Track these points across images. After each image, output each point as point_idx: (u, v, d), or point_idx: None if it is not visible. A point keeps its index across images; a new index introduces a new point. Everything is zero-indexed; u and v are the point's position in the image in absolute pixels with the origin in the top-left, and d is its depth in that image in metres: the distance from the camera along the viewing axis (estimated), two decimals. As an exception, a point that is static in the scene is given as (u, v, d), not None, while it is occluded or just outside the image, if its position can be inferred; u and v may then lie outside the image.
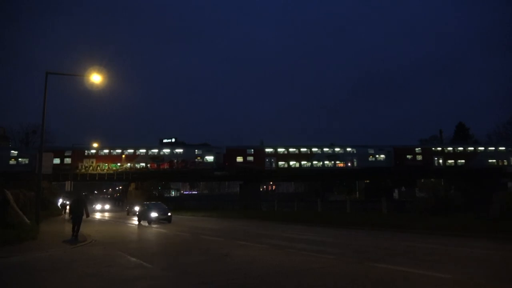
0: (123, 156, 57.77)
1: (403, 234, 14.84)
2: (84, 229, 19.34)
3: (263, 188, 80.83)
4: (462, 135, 74.01)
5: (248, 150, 60.37)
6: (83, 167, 56.07)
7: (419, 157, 62.01)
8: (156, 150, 60.19)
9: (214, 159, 59.25)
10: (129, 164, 57.71)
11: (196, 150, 61.20)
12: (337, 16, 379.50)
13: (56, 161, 54.91)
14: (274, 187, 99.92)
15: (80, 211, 14.24)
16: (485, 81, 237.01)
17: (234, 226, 20.97)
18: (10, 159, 55.29)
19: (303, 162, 60.90)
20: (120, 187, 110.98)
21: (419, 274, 6.81)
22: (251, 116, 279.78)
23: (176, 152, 60.30)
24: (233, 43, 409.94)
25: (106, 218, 35.83)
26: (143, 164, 58.14)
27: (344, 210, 28.65)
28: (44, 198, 30.19)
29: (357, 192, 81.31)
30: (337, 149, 62.46)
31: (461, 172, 60.86)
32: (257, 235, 15.34)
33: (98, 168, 56.53)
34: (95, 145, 57.29)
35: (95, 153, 57.52)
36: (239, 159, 59.23)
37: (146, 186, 57.95)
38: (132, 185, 61.44)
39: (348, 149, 62.31)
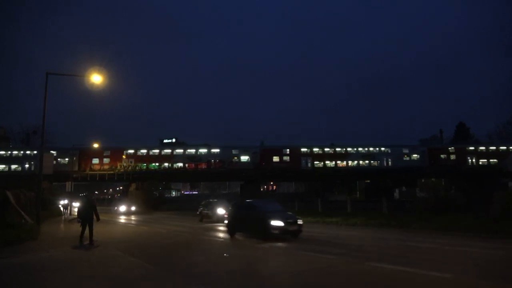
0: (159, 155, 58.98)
1: (404, 233, 14.83)
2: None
3: (263, 188, 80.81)
4: (462, 135, 73.97)
5: (284, 150, 60.99)
6: (122, 166, 57.22)
7: (453, 157, 62.54)
8: (193, 150, 60.65)
9: (250, 159, 59.91)
10: (166, 164, 58.57)
11: (232, 150, 61.45)
12: (337, 16, 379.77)
13: (95, 161, 56.88)
14: (275, 187, 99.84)
15: (90, 214, 13.07)
16: (485, 80, 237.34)
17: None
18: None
19: (338, 162, 61.64)
20: (121, 187, 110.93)
21: (419, 274, 6.81)
22: (251, 116, 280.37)
23: (213, 152, 60.60)
24: (233, 43, 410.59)
25: (106, 218, 35.79)
26: (181, 164, 58.82)
27: (344, 210, 28.63)
28: (44, 199, 30.18)
29: (358, 192, 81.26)
30: (371, 149, 63.14)
31: (462, 172, 60.87)
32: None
33: (137, 168, 57.77)
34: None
35: (134, 153, 58.67)
36: (276, 159, 60.10)
37: (147, 186, 57.90)
38: (133, 185, 61.33)
39: (382, 148, 63.02)
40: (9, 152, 57.81)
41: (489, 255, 9.21)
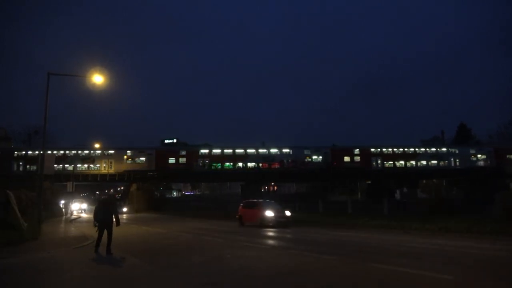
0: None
1: (405, 234, 14.80)
2: (85, 230, 19.42)
3: (264, 189, 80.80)
4: (464, 136, 73.90)
5: (354, 150, 61.62)
6: (197, 165, 58.22)
7: None
8: (265, 150, 61.25)
9: (322, 159, 60.36)
10: (240, 163, 59.35)
11: (304, 150, 61.99)
12: (337, 16, 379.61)
13: (172, 160, 57.76)
14: (275, 187, 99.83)
15: (109, 217, 10.81)
16: (486, 81, 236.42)
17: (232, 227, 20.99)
18: None
19: (407, 162, 62.39)
20: (122, 188, 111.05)
21: (420, 275, 6.79)
22: (251, 116, 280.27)
23: (285, 152, 61.18)
24: (233, 43, 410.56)
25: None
26: (254, 164, 59.44)
27: (345, 210, 28.62)
28: (45, 199, 30.23)
29: (359, 193, 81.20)
30: (443, 149, 63.88)
31: (464, 173, 60.85)
32: (261, 236, 15.35)
33: (213, 167, 58.89)
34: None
35: (208, 153, 59.50)
36: (346, 159, 60.69)
37: (148, 187, 57.97)
38: (134, 186, 61.44)
39: (451, 149, 63.74)
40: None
41: (491, 256, 9.18)
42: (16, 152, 57.37)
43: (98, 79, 18.67)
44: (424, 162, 62.28)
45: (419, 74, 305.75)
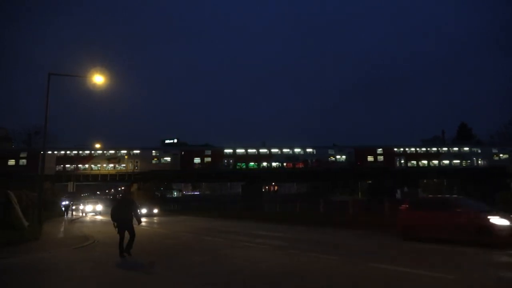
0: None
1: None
2: (86, 230, 19.45)
3: (265, 189, 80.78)
4: (464, 135, 73.91)
5: (378, 150, 62.15)
6: (222, 165, 59.17)
7: None
8: (288, 150, 61.65)
9: (346, 159, 60.75)
10: (265, 163, 59.89)
11: (328, 150, 62.66)
12: (337, 16, 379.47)
13: (197, 160, 59.13)
14: (276, 187, 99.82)
15: (128, 216, 9.94)
16: (487, 81, 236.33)
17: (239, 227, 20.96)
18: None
19: (430, 161, 62.95)
20: (122, 188, 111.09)
21: (422, 274, 6.77)
22: (251, 116, 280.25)
23: (309, 152, 61.74)
24: (233, 43, 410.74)
25: (107, 219, 35.87)
26: (279, 163, 59.96)
27: (346, 210, 28.56)
28: (46, 199, 30.24)
29: (359, 193, 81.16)
30: (465, 149, 64.39)
31: (464, 172, 60.85)
32: (260, 236, 15.35)
33: (237, 167, 59.77)
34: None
35: (232, 152, 60.21)
36: (370, 158, 61.25)
37: (149, 187, 57.99)
38: (134, 186, 61.46)
39: (474, 148, 64.37)
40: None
41: (492, 255, 9.15)
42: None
43: (98, 79, 18.66)
44: (446, 162, 62.77)
45: (419, 74, 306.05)
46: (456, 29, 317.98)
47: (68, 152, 58.10)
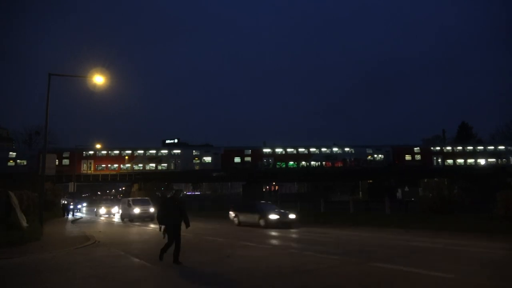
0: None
1: (407, 234, 14.77)
2: (86, 230, 19.46)
3: (265, 189, 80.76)
4: (465, 135, 73.72)
5: (415, 149, 63.07)
6: (263, 165, 59.94)
7: None
8: (326, 149, 62.45)
9: (384, 158, 61.54)
10: (304, 162, 60.62)
11: (366, 149, 63.16)
12: (338, 14, 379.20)
13: (237, 160, 59.83)
14: (277, 187, 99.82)
15: (176, 220, 8.68)
16: (487, 80, 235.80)
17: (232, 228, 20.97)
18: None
19: (466, 159, 63.64)
20: (123, 188, 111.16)
21: (422, 274, 6.78)
22: (251, 116, 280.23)
23: (347, 151, 62.60)
24: (233, 42, 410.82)
25: (108, 219, 35.98)
26: (317, 163, 60.80)
27: (347, 210, 28.60)
28: (47, 199, 30.29)
29: (360, 193, 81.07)
30: (501, 147, 64.79)
31: (465, 172, 60.76)
32: (262, 236, 15.35)
33: (277, 166, 60.41)
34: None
35: (272, 152, 60.89)
36: (408, 157, 62.12)
37: (149, 187, 57.96)
38: (135, 186, 61.52)
39: (510, 147, 64.81)
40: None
41: (493, 255, 9.16)
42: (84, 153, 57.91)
43: (99, 79, 18.65)
44: (482, 161, 63.05)
45: (420, 73, 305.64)
46: (458, 28, 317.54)
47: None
